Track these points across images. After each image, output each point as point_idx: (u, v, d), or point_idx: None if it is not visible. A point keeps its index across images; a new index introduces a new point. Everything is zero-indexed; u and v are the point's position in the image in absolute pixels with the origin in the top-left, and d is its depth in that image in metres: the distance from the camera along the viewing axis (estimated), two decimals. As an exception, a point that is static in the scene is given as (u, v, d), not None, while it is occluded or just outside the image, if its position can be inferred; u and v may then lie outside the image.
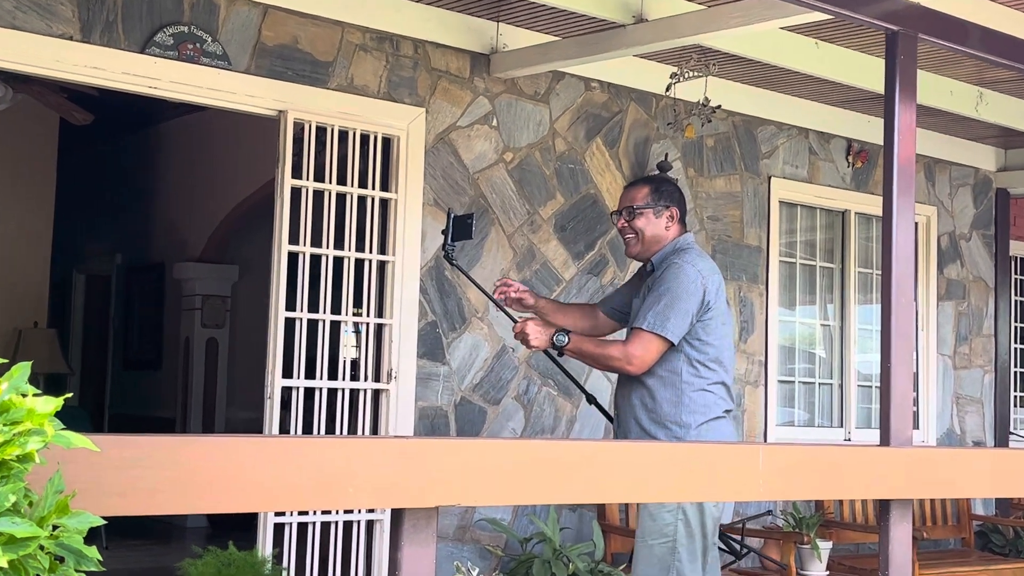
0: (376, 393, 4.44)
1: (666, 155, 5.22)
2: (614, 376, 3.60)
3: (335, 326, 4.37)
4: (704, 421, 3.16)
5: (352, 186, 4.39)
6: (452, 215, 3.25)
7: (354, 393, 4.39)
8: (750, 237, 5.60)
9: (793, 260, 5.90)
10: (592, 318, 3.51)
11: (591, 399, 3.55)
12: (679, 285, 3.13)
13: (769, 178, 5.68)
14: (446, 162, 4.66)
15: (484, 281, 4.21)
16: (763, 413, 5.58)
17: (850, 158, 5.97)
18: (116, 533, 6.38)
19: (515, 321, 3.31)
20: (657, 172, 5.09)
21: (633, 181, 3.47)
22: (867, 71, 4.94)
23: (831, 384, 6.01)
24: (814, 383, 5.97)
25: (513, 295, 3.42)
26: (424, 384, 4.55)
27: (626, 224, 3.28)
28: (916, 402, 6.26)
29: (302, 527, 4.19)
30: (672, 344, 3.13)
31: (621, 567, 4.20)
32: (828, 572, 5.09)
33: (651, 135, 5.26)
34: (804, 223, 5.97)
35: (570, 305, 3.71)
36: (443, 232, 3.31)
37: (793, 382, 5.87)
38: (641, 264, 3.41)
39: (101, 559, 1.40)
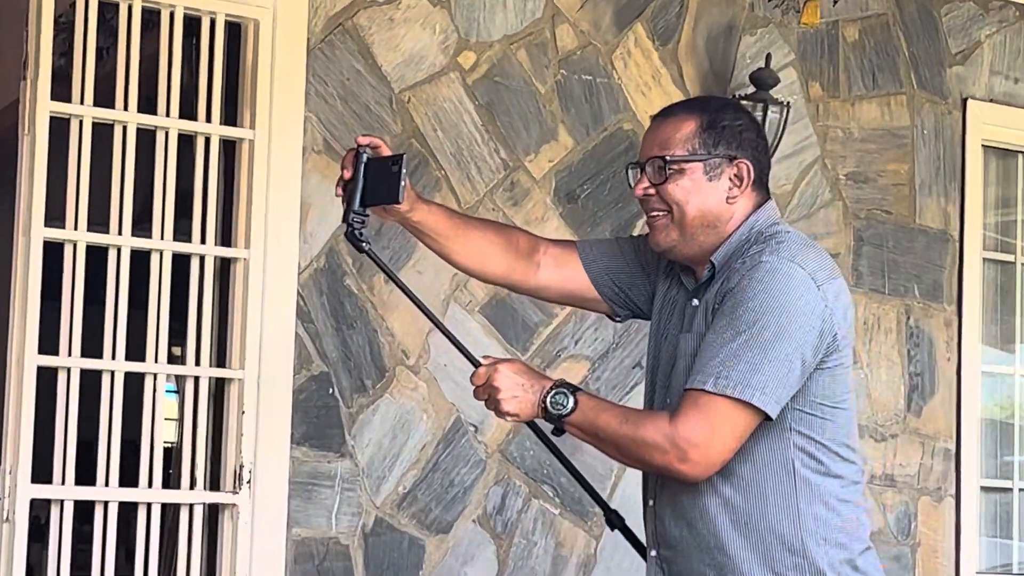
0: (213, 511, 4.49)
1: (767, 58, 5.31)
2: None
3: (135, 382, 4.39)
4: (845, 559, 3.19)
5: (170, 116, 4.45)
6: (365, 156, 3.31)
7: (171, 511, 4.43)
8: (927, 214, 5.69)
9: (1011, 258, 6.01)
10: (523, 262, 3.45)
11: (614, 521, 3.51)
12: (777, 304, 3.12)
13: (964, 101, 5.78)
14: (348, 70, 4.74)
15: (424, 293, 3.96)
16: (952, 547, 5.65)
17: (1119, 63, 6.03)
18: None
19: (476, 364, 3.24)
20: (750, 92, 5.18)
21: (667, 108, 3.42)
22: None
23: (1084, 495, 6.09)
24: (1050, 492, 6.06)
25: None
26: (305, 495, 4.60)
27: (651, 190, 3.26)
28: None
29: None
30: (768, 418, 3.13)
31: None
32: None
33: (738, 20, 5.36)
34: (1030, 188, 6.06)
35: (487, 223, 3.70)
36: (344, 186, 3.33)
37: (1010, 490, 5.97)
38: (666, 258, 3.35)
39: None
